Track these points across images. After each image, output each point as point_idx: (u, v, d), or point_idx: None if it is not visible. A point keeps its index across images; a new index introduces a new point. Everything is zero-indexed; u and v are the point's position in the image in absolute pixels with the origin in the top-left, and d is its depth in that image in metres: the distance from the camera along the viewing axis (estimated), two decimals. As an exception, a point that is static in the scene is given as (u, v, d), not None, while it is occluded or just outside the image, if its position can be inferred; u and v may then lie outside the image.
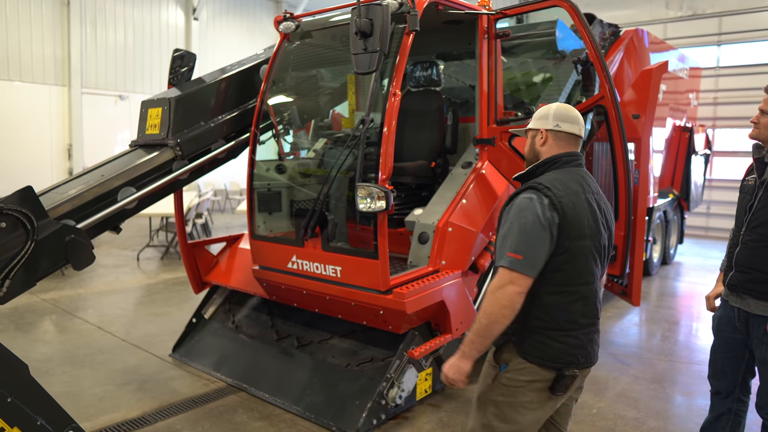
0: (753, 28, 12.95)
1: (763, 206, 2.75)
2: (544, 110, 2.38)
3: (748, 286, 2.78)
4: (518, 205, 2.18)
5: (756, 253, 2.74)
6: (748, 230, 2.79)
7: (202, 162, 4.33)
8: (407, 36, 3.72)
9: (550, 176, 2.26)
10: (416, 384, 4.06)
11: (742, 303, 2.84)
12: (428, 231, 4.12)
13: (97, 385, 4.53)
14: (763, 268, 2.72)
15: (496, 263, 2.20)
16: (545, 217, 2.12)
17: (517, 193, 2.25)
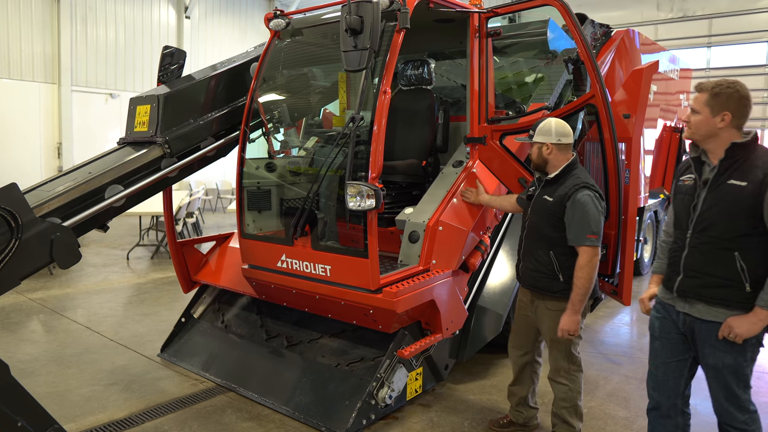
0: (742, 30, 13.04)
1: (710, 207, 2.61)
2: (546, 126, 3.41)
3: (698, 291, 2.64)
4: (583, 200, 3.25)
5: (707, 257, 2.60)
6: (695, 233, 2.65)
7: (191, 160, 4.30)
8: (398, 34, 3.70)
9: (585, 176, 3.38)
10: (406, 384, 4.04)
11: (691, 308, 2.69)
12: (419, 230, 4.10)
13: (84, 386, 4.48)
14: (715, 272, 2.58)
15: (578, 243, 3.24)
16: (601, 207, 3.30)
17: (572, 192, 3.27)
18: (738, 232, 2.52)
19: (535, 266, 3.46)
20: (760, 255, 2.51)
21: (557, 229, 3.33)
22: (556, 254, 3.36)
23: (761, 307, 2.48)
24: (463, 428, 3.91)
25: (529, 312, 3.62)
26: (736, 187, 2.52)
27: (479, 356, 4.92)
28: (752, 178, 2.49)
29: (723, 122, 2.56)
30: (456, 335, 4.39)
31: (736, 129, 2.58)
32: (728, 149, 2.57)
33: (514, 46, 5.88)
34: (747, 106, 2.57)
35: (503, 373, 4.84)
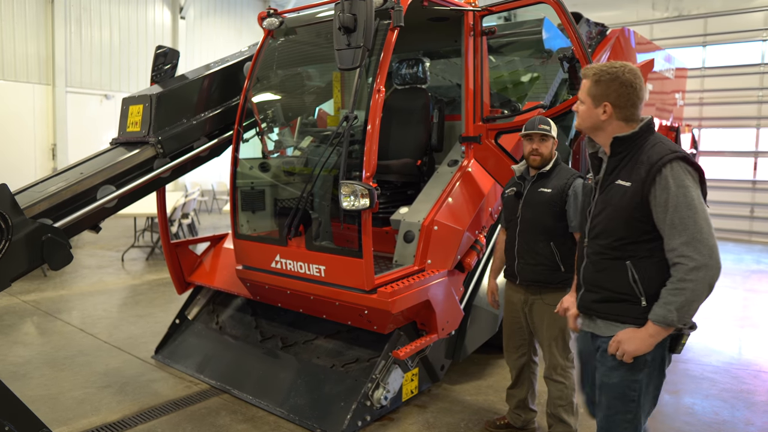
0: (738, 29, 13.05)
1: (599, 212, 2.30)
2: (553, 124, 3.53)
3: (595, 307, 2.32)
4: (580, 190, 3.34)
5: (599, 268, 2.29)
6: (590, 241, 2.34)
7: (184, 160, 4.26)
8: (392, 32, 3.67)
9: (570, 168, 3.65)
10: (402, 385, 4.01)
11: (594, 326, 2.36)
12: (414, 230, 4.07)
13: (77, 388, 4.44)
14: (608, 284, 2.25)
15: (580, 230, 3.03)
16: None
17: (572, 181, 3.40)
18: (627, 239, 2.20)
19: (536, 260, 3.46)
20: (654, 264, 2.16)
21: (558, 218, 3.40)
22: (557, 245, 3.40)
23: (653, 322, 2.11)
24: (459, 429, 3.88)
25: (522, 312, 3.61)
26: (621, 188, 2.20)
27: (475, 356, 4.89)
28: (635, 177, 2.16)
29: (605, 114, 2.25)
30: (452, 335, 4.36)
31: (623, 121, 2.24)
32: (611, 145, 2.27)
33: (509, 46, 5.87)
34: (632, 94, 2.21)
35: (499, 373, 4.81)
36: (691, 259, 2.04)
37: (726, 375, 4.94)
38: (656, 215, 2.12)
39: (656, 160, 2.12)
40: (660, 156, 2.13)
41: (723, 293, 7.93)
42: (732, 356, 5.44)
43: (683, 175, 2.09)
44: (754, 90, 12.92)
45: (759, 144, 12.94)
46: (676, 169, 2.10)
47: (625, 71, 2.22)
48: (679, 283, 2.06)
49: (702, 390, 4.62)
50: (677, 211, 2.07)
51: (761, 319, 6.69)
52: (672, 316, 2.07)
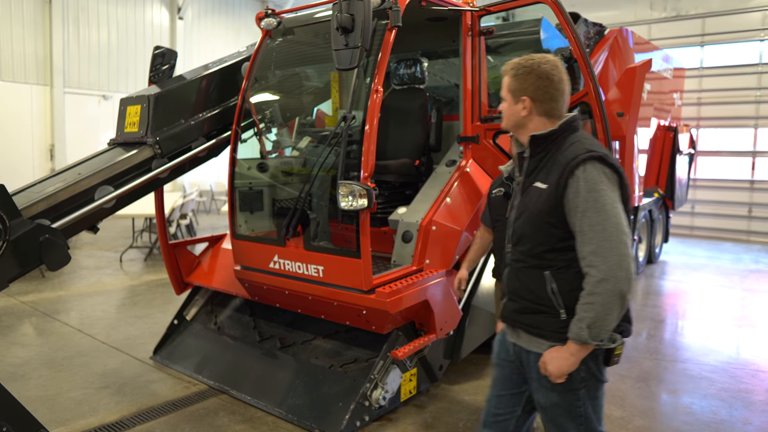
0: (735, 29, 13.07)
1: (518, 216, 2.16)
2: None
3: (517, 318, 2.18)
4: None
5: (519, 277, 2.16)
6: (512, 247, 2.21)
7: (183, 160, 4.26)
8: (389, 32, 3.67)
9: None
10: (400, 385, 4.01)
11: (517, 337, 2.21)
12: (412, 230, 4.07)
13: (75, 389, 4.43)
14: (527, 295, 2.12)
15: None
16: None
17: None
18: (545, 246, 2.06)
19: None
20: (574, 275, 2.00)
21: None
22: None
23: (570, 339, 1.97)
24: (458, 429, 3.88)
25: None
26: (537, 191, 2.07)
27: (474, 356, 4.89)
28: (551, 179, 2.02)
29: (525, 110, 2.11)
30: (450, 336, 4.36)
31: (544, 116, 2.10)
32: (530, 143, 2.13)
33: (507, 46, 5.87)
34: (549, 87, 2.07)
35: (498, 373, 4.81)
36: (598, 270, 1.89)
37: (724, 374, 4.94)
38: (570, 221, 1.98)
39: (569, 161, 1.98)
40: (574, 156, 1.98)
41: (721, 293, 7.94)
42: (730, 356, 5.45)
43: (597, 177, 1.94)
44: (752, 90, 12.94)
45: (757, 144, 12.96)
46: (589, 171, 1.94)
47: (542, 63, 2.10)
48: (588, 297, 1.92)
49: (700, 389, 4.63)
50: (586, 216, 1.92)
51: (759, 319, 6.70)
52: (584, 334, 1.91)
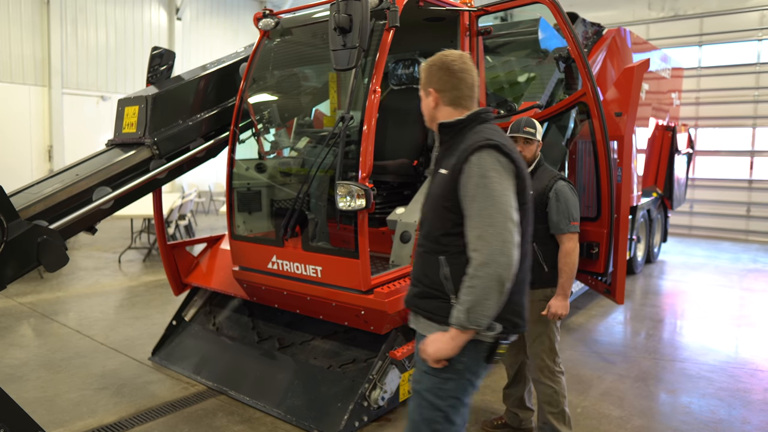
0: (733, 29, 13.09)
1: (425, 203, 2.22)
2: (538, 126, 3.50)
3: (415, 302, 2.19)
4: (563, 190, 3.37)
5: (419, 261, 2.18)
6: (419, 233, 2.25)
7: (181, 161, 4.26)
8: (387, 32, 3.67)
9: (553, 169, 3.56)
10: (399, 385, 4.00)
11: (417, 324, 2.23)
12: (410, 230, 4.06)
13: (74, 390, 4.42)
14: (425, 279, 2.13)
15: (563, 231, 3.34)
16: (577, 195, 3.46)
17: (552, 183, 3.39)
18: (441, 231, 2.09)
19: None
20: (466, 260, 2.00)
21: (539, 220, 3.26)
22: (539, 245, 3.38)
23: (452, 324, 1.96)
24: (457, 429, 3.88)
25: None
26: (440, 177, 2.12)
27: (473, 356, 4.89)
28: (450, 165, 2.07)
29: (433, 101, 2.16)
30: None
31: (451, 107, 2.14)
32: (438, 132, 2.20)
33: (506, 46, 5.87)
34: (451, 77, 2.11)
35: (496, 372, 4.81)
36: (480, 254, 1.91)
37: (723, 374, 4.95)
38: (463, 206, 2.01)
39: (467, 147, 2.02)
40: (472, 143, 2.02)
41: (720, 292, 7.95)
42: (729, 355, 5.45)
43: (490, 165, 1.96)
44: (750, 89, 12.95)
45: (755, 143, 12.98)
46: (484, 158, 1.97)
47: (445, 56, 2.15)
48: (469, 281, 1.93)
49: (699, 389, 4.63)
50: (475, 201, 1.94)
51: (758, 318, 6.70)
52: (462, 318, 1.92)
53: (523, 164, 2.08)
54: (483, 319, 1.92)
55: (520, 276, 2.07)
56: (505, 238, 1.90)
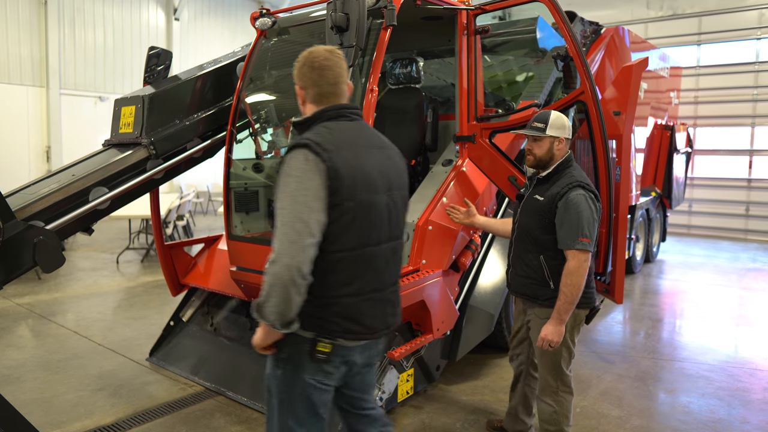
0: (732, 28, 13.09)
1: None
2: (559, 120, 3.15)
3: None
4: (576, 200, 2.99)
5: None
6: None
7: (178, 161, 4.24)
8: (384, 31, 3.66)
9: (579, 174, 3.11)
10: (397, 385, 3.99)
11: None
12: (408, 230, 4.05)
13: (71, 391, 4.41)
14: None
15: (568, 246, 2.97)
16: (596, 209, 3.03)
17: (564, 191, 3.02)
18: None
19: (525, 272, 3.21)
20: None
21: (547, 231, 3.08)
22: (546, 258, 3.11)
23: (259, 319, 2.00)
24: (455, 430, 3.86)
25: (523, 321, 3.40)
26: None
27: (471, 356, 4.88)
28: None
29: (300, 98, 2.19)
30: (447, 336, 4.35)
31: (313, 104, 2.15)
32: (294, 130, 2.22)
33: (504, 45, 5.86)
34: (311, 73, 2.11)
35: (495, 373, 4.80)
36: (273, 252, 1.92)
37: (722, 373, 4.94)
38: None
39: (288, 146, 2.04)
40: (293, 142, 2.03)
41: (719, 291, 7.95)
42: (728, 354, 5.45)
43: (296, 164, 1.95)
44: (749, 88, 12.96)
45: (754, 142, 12.99)
46: (293, 157, 1.97)
47: (310, 51, 2.15)
48: (265, 277, 1.94)
49: (698, 388, 4.62)
50: (278, 200, 1.96)
51: (757, 318, 6.70)
52: (254, 309, 1.96)
53: (342, 162, 1.98)
54: (270, 315, 1.91)
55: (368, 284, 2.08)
56: (291, 238, 1.88)
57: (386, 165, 2.18)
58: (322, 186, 1.94)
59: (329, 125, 2.09)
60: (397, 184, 2.20)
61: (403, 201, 2.26)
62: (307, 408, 2.10)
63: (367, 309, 2.10)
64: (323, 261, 1.99)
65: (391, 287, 2.22)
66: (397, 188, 2.20)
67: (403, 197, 2.25)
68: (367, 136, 2.17)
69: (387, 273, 2.18)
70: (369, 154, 2.11)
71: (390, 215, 2.16)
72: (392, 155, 2.25)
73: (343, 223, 2.00)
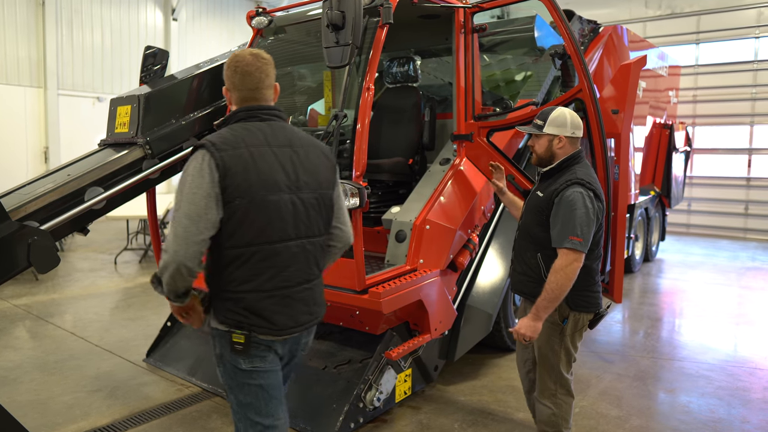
0: (730, 27, 13.07)
1: None
2: (560, 117, 3.01)
3: None
4: (572, 197, 2.84)
5: None
6: None
7: (174, 161, 4.21)
8: (381, 29, 3.64)
9: (582, 171, 2.95)
10: (395, 386, 3.97)
11: None
12: (405, 229, 4.03)
13: (67, 393, 4.38)
14: None
15: (558, 244, 2.82)
16: (594, 207, 2.86)
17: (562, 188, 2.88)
18: None
19: (524, 269, 3.13)
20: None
21: (545, 228, 2.98)
22: (544, 257, 2.99)
23: None
24: (453, 430, 3.84)
25: None
26: None
27: (469, 356, 4.86)
28: None
29: (228, 101, 2.33)
30: (445, 335, 4.33)
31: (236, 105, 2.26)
32: None
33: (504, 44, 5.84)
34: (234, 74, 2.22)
35: (494, 373, 4.78)
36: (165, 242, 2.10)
37: (722, 372, 4.92)
38: None
39: None
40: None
41: (718, 290, 7.93)
42: (728, 353, 5.42)
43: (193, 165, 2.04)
44: (748, 87, 12.94)
45: (753, 141, 12.97)
46: (193, 158, 2.06)
47: (236, 55, 2.27)
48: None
49: (698, 388, 4.60)
50: (175, 197, 2.08)
51: (756, 316, 6.68)
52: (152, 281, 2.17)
53: (235, 162, 2.04)
54: (164, 289, 2.11)
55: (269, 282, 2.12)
56: (178, 233, 2.00)
57: (296, 164, 2.19)
58: (214, 184, 2.02)
59: (236, 126, 2.16)
60: (308, 182, 2.21)
61: (321, 200, 2.25)
62: (257, 395, 2.17)
63: (272, 306, 2.13)
64: (221, 256, 2.10)
65: (305, 285, 2.22)
66: (308, 187, 2.21)
67: (320, 196, 2.25)
68: (278, 136, 2.19)
69: (296, 271, 2.19)
70: (274, 154, 2.14)
71: (297, 213, 2.17)
72: (308, 154, 2.25)
73: (236, 219, 2.06)
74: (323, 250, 2.32)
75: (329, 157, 2.35)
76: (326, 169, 2.31)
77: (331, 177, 2.33)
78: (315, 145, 2.31)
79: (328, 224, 2.33)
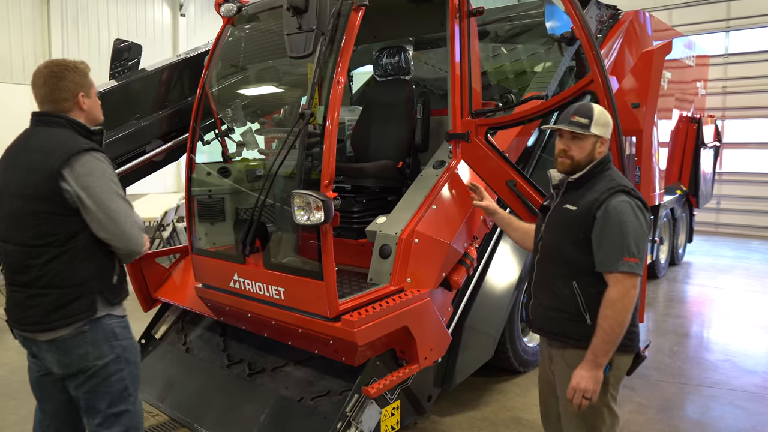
0: (763, 13, 12.35)
1: None
2: (604, 116, 2.52)
3: None
4: (620, 208, 2.35)
5: None
6: None
7: (133, 166, 3.82)
8: (355, 12, 3.12)
9: (619, 176, 2.52)
10: (380, 421, 3.47)
11: None
12: (390, 243, 3.52)
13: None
14: None
15: (610, 269, 2.32)
16: (646, 222, 2.40)
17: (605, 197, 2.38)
18: None
19: (552, 303, 2.53)
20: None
21: (583, 249, 2.42)
22: (581, 285, 2.43)
23: None
24: (445, 475, 3.34)
25: (548, 373, 2.70)
26: None
27: (472, 380, 4.33)
28: None
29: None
30: (440, 362, 3.81)
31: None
32: None
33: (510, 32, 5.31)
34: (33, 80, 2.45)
35: (497, 401, 4.26)
36: None
37: (762, 403, 4.32)
38: None
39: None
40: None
41: (752, 298, 7.26)
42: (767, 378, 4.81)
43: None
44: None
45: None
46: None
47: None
48: None
49: (733, 424, 4.01)
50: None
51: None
52: None
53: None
54: None
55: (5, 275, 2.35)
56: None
57: (13, 168, 2.29)
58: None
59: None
60: (13, 188, 2.26)
61: (22, 208, 2.23)
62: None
63: (7, 297, 2.35)
64: None
65: (20, 288, 2.28)
66: (13, 193, 2.26)
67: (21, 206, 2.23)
68: (25, 140, 2.32)
69: (18, 272, 2.28)
70: (9, 158, 2.33)
71: (5, 217, 2.29)
72: (28, 158, 2.26)
73: None
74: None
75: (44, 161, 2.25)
76: (38, 173, 2.24)
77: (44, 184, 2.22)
78: (43, 151, 2.27)
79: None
